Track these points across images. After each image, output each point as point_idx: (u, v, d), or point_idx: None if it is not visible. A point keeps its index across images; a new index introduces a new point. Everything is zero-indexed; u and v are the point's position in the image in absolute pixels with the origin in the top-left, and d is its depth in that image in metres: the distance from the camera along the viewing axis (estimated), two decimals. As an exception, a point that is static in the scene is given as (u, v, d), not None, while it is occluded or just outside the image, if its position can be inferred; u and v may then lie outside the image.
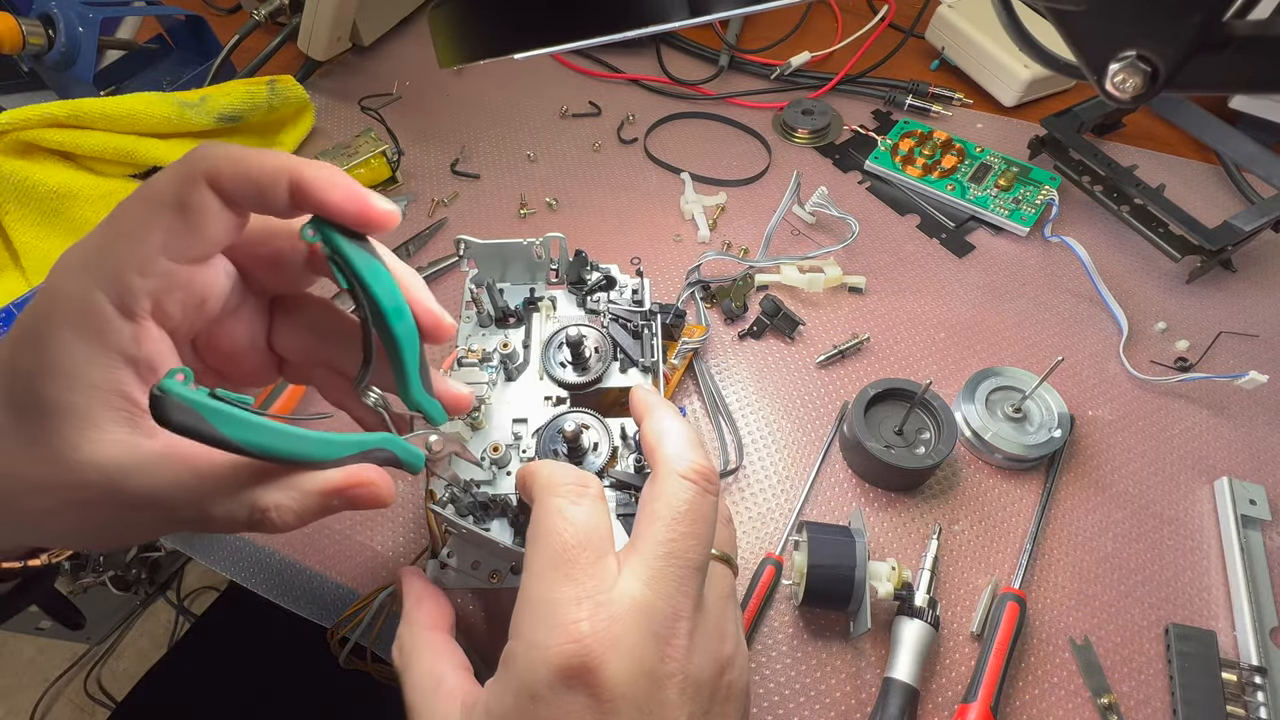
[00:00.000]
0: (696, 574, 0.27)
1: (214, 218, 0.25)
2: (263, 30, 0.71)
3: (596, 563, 0.26)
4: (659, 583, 0.26)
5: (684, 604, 0.26)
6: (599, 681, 0.24)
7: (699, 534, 0.27)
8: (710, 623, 0.28)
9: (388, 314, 0.27)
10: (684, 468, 0.29)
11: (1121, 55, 0.21)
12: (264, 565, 0.46)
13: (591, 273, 0.46)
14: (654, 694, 0.25)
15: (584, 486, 0.29)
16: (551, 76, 0.75)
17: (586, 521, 0.27)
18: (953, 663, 0.41)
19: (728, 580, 0.30)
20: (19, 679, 1.31)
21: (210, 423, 0.23)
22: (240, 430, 0.24)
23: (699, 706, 0.26)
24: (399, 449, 0.29)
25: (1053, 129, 0.61)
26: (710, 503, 0.29)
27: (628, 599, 0.25)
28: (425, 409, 0.31)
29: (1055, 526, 0.46)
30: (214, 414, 0.23)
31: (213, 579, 1.37)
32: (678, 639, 0.26)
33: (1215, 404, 0.51)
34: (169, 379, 0.23)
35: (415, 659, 0.32)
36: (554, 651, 0.24)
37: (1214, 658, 0.41)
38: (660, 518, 0.27)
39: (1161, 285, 0.58)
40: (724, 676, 0.27)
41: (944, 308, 0.56)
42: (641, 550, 0.27)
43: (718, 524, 0.31)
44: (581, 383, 0.42)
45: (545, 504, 0.28)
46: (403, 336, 0.28)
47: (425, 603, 0.36)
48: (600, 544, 0.27)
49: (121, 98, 0.56)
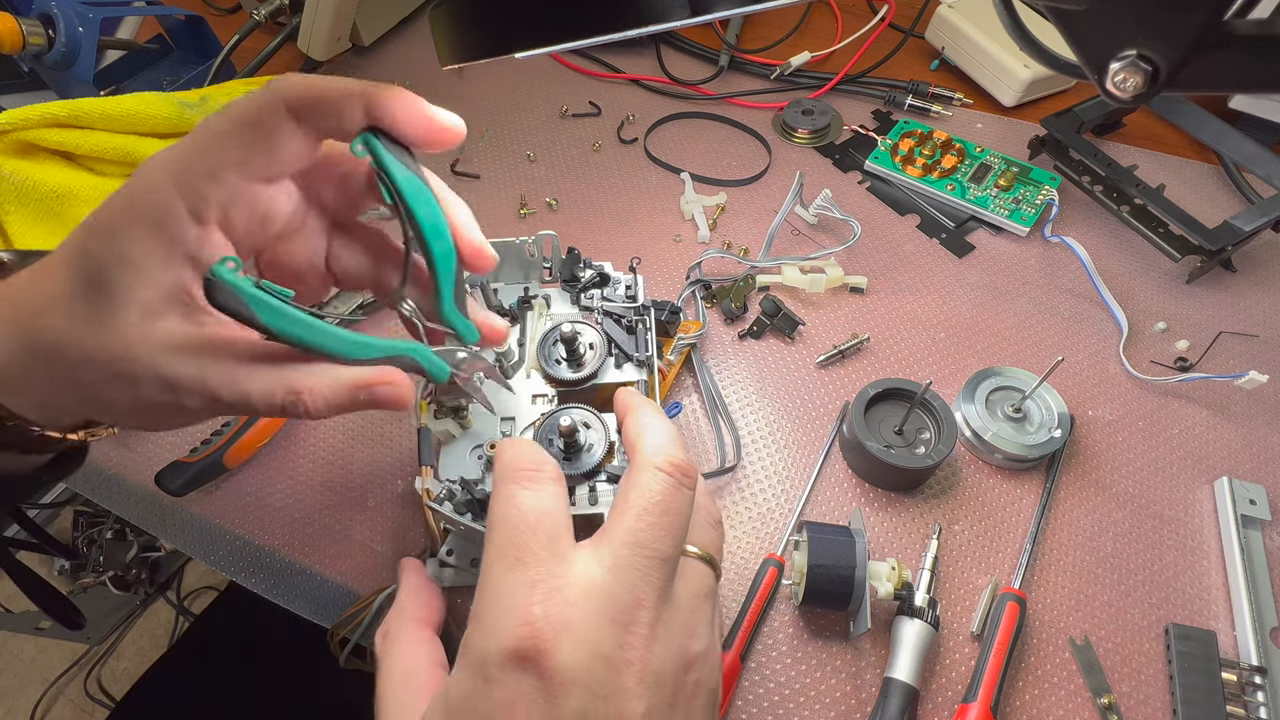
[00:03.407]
0: (664, 565, 0.27)
1: (289, 141, 0.28)
2: (263, 30, 0.71)
3: (548, 547, 0.26)
4: (622, 570, 0.26)
5: (647, 593, 0.26)
6: (550, 665, 0.24)
7: (669, 525, 0.27)
8: (678, 617, 0.27)
9: (426, 231, 0.29)
10: (659, 460, 0.29)
11: (1122, 54, 0.21)
12: (264, 565, 0.46)
13: (585, 270, 0.46)
14: (609, 679, 0.25)
15: (538, 471, 0.29)
16: (551, 76, 0.75)
17: (537, 507, 0.28)
18: (953, 663, 0.41)
19: (706, 580, 0.30)
20: (19, 679, 1.31)
21: (252, 309, 0.26)
22: (278, 319, 0.26)
23: (660, 699, 0.26)
24: (425, 359, 0.30)
25: (1053, 129, 0.61)
26: (684, 497, 0.28)
27: (584, 583, 0.26)
28: (456, 326, 0.32)
29: (1055, 526, 0.46)
30: (257, 302, 0.26)
31: (213, 579, 1.37)
32: (638, 627, 0.26)
33: (1215, 404, 0.51)
34: (220, 265, 0.25)
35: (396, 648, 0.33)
36: (506, 634, 0.24)
37: (1214, 658, 0.41)
38: (631, 507, 0.27)
39: (1161, 285, 0.58)
40: (689, 674, 0.27)
41: (944, 308, 0.56)
42: (609, 538, 0.27)
43: (705, 525, 0.32)
44: (577, 379, 0.42)
45: (499, 491, 0.28)
46: (439, 255, 0.30)
47: (419, 596, 0.36)
48: (552, 528, 0.27)
49: (121, 98, 0.56)
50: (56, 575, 1.30)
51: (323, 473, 0.49)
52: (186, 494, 0.47)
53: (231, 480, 0.49)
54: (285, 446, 0.50)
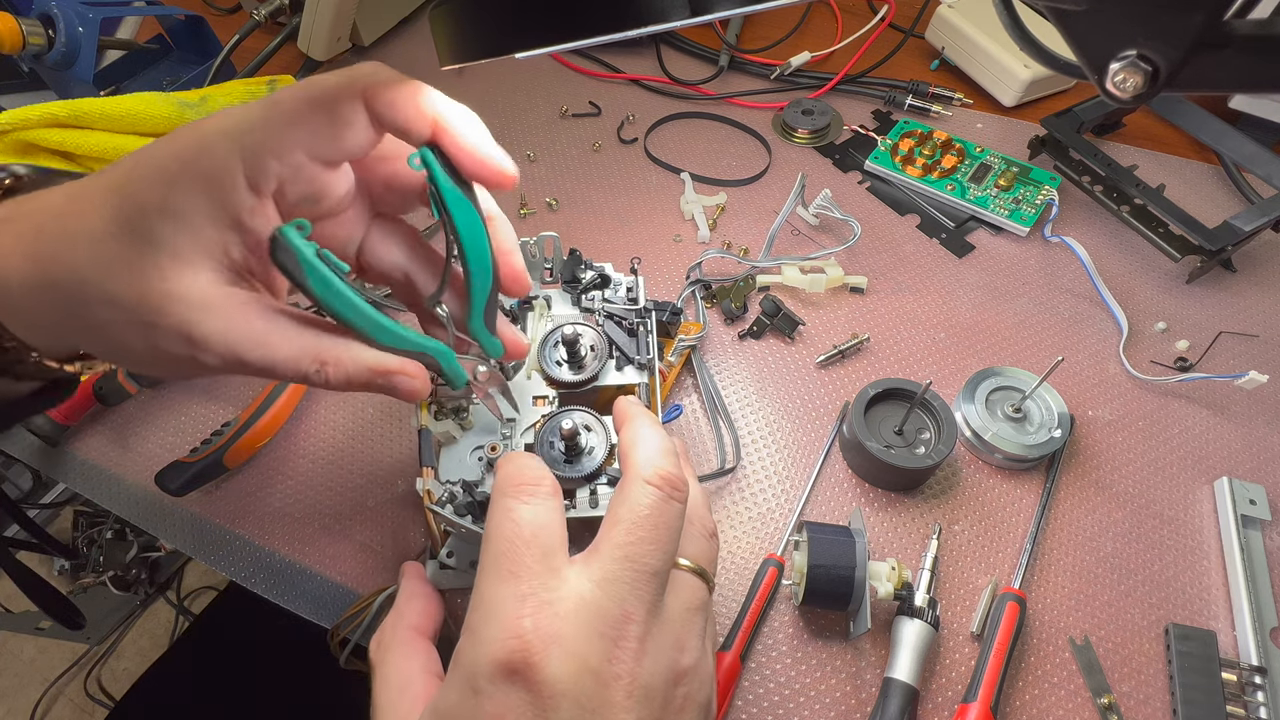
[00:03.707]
0: (653, 579, 0.27)
1: (357, 131, 0.28)
2: (263, 30, 0.71)
3: (542, 561, 0.27)
4: (611, 584, 0.26)
5: (636, 608, 0.26)
6: (539, 678, 0.24)
7: (659, 540, 0.27)
8: (668, 632, 0.27)
9: (467, 252, 0.30)
10: (649, 473, 0.29)
11: (1122, 54, 0.21)
12: (264, 565, 0.46)
13: (586, 271, 0.46)
14: (598, 693, 0.25)
15: (536, 485, 0.29)
16: (551, 76, 0.75)
17: (533, 521, 0.28)
18: (953, 663, 0.41)
19: (698, 593, 0.30)
20: (19, 679, 1.31)
21: (305, 275, 0.27)
22: (323, 289, 0.27)
23: (648, 712, 0.26)
24: (448, 363, 0.32)
25: (1053, 129, 0.61)
26: (674, 510, 0.28)
27: (574, 598, 0.26)
28: (482, 341, 0.34)
29: (1055, 526, 0.46)
30: (311, 269, 0.27)
31: (213, 579, 1.37)
32: (627, 641, 0.26)
33: (1215, 404, 0.51)
34: (290, 226, 0.27)
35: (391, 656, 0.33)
36: (496, 646, 0.25)
37: (1214, 658, 0.41)
38: (621, 521, 0.28)
39: (1161, 285, 0.58)
40: (679, 688, 0.27)
41: (944, 308, 0.56)
42: (599, 552, 0.27)
43: (698, 537, 0.32)
44: (578, 381, 0.42)
45: (496, 504, 0.29)
46: (476, 275, 0.31)
47: (416, 602, 0.36)
48: (547, 542, 0.27)
49: (121, 98, 0.56)
50: (56, 575, 1.30)
51: (323, 473, 0.49)
52: (186, 494, 0.47)
53: (231, 480, 0.49)
54: (285, 446, 0.50)
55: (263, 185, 0.27)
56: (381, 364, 0.30)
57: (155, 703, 0.74)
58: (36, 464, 0.51)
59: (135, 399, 0.53)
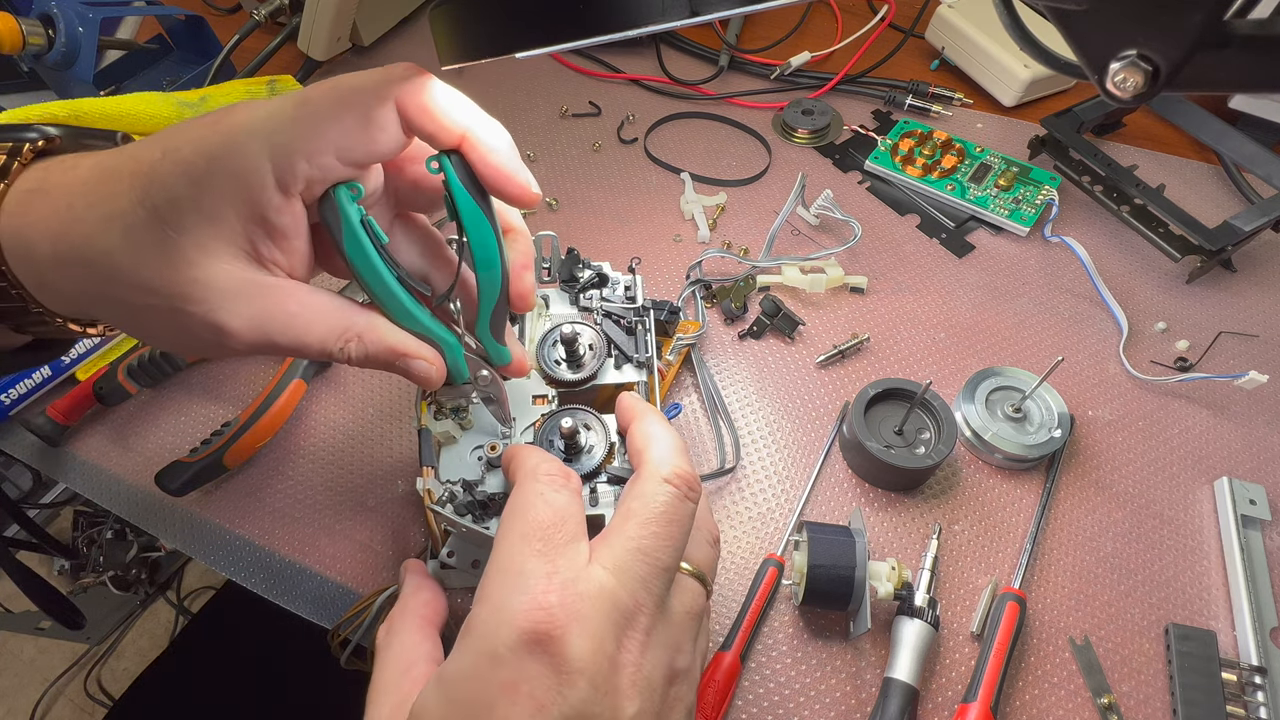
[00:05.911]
0: (663, 574, 0.28)
1: (389, 135, 0.28)
2: (263, 30, 0.71)
3: (570, 544, 0.27)
4: (624, 574, 0.27)
5: (646, 600, 0.27)
6: (561, 652, 0.25)
7: (672, 536, 0.28)
8: (670, 631, 0.28)
9: (478, 262, 0.31)
10: (667, 471, 0.29)
11: (1122, 54, 0.21)
12: (264, 565, 0.46)
13: (584, 270, 0.46)
14: (610, 677, 0.25)
15: (567, 478, 0.30)
16: (551, 76, 0.75)
17: (565, 507, 0.29)
18: (953, 663, 0.41)
19: (698, 599, 0.30)
20: (19, 679, 1.31)
21: (342, 233, 0.28)
22: (355, 254, 0.28)
23: (649, 704, 0.26)
24: (456, 355, 0.32)
25: (1053, 129, 0.61)
26: (688, 509, 0.29)
27: (596, 583, 0.26)
28: (485, 346, 0.34)
29: (1055, 526, 0.46)
30: (349, 230, 0.28)
31: (212, 579, 1.37)
32: (635, 632, 0.26)
33: (1215, 404, 0.51)
34: (344, 187, 0.28)
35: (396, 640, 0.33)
36: (521, 615, 0.25)
37: (1214, 658, 0.41)
38: (635, 515, 0.28)
39: (1161, 285, 0.58)
40: (672, 686, 0.28)
41: (944, 308, 0.56)
42: (612, 543, 0.28)
43: (703, 542, 0.32)
44: (577, 379, 0.42)
45: (526, 486, 0.29)
46: (484, 284, 0.31)
47: (422, 593, 0.37)
48: (575, 529, 0.28)
49: (121, 98, 0.56)
50: (56, 575, 1.30)
51: (323, 473, 0.49)
52: (186, 494, 0.47)
53: (231, 480, 0.49)
54: (285, 446, 0.50)
55: (291, 186, 0.27)
56: (402, 345, 0.30)
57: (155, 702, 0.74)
58: (36, 464, 0.51)
59: (135, 399, 0.52)
